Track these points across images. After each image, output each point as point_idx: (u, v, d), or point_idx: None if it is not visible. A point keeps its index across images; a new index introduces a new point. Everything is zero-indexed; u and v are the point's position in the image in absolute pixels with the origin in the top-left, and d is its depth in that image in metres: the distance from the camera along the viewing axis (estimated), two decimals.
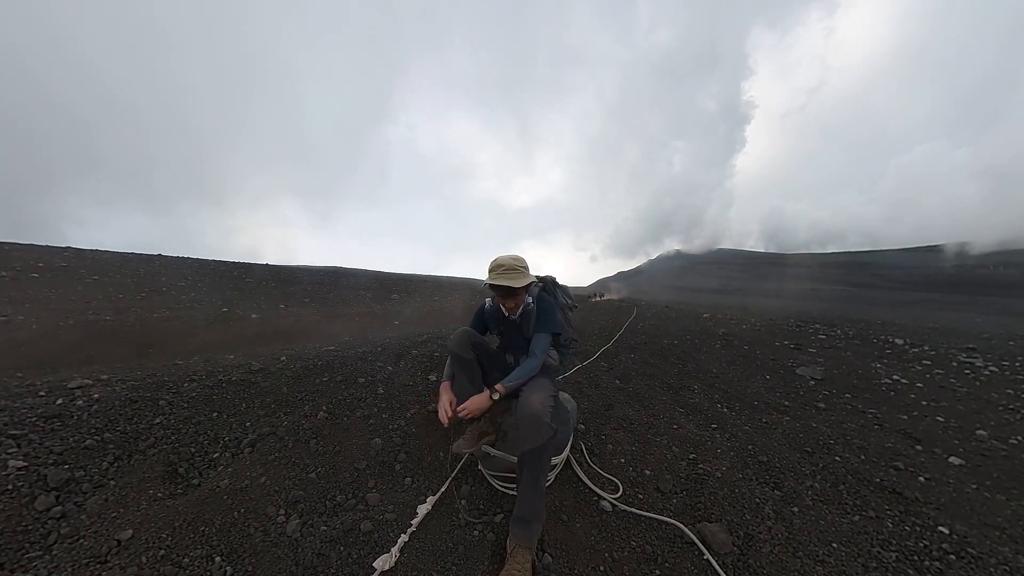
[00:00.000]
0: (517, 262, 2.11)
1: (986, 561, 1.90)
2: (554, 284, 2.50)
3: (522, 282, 2.08)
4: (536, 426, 1.78)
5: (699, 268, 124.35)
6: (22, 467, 1.83)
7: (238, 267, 16.05)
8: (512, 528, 1.75)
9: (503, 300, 2.19)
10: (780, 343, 6.71)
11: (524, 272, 2.12)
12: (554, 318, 2.24)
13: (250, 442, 2.35)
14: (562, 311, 2.43)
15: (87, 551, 1.54)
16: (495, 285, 2.06)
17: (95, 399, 2.48)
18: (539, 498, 1.78)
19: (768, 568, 1.78)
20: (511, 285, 2.04)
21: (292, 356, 3.91)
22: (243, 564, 1.61)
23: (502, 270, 2.08)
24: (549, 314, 2.23)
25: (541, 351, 2.10)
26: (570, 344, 2.53)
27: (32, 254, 11.36)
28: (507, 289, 2.07)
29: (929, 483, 2.61)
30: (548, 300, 2.30)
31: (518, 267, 2.09)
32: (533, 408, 1.81)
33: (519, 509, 1.76)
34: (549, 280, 2.50)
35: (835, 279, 73.39)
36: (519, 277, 2.08)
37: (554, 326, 2.22)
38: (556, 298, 2.42)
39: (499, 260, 2.10)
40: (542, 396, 1.89)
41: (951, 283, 53.50)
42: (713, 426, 3.27)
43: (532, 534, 1.72)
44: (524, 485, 1.79)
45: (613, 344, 6.10)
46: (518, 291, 2.11)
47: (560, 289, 2.52)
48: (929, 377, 5.03)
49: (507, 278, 2.06)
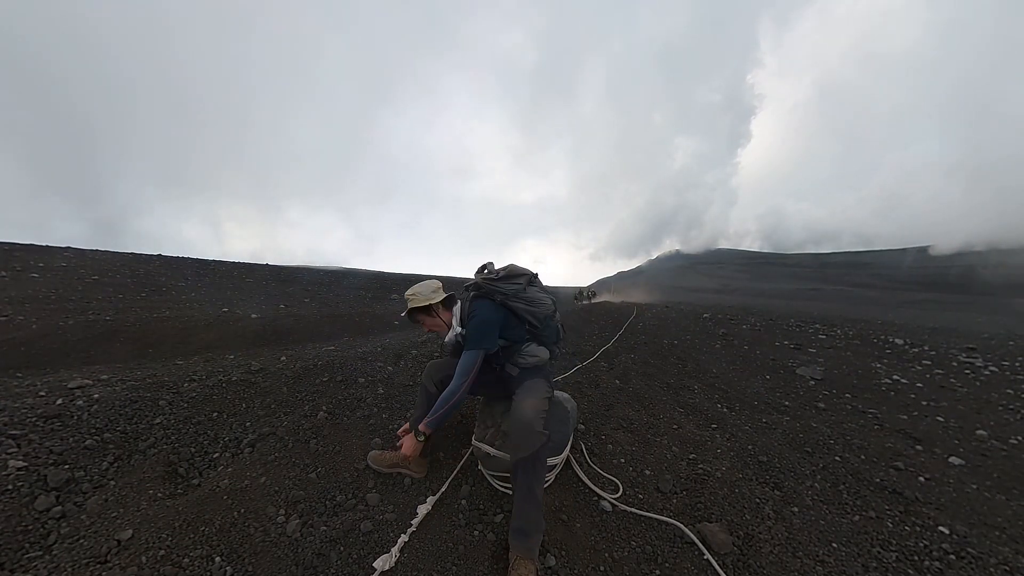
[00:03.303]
0: (412, 291, 2.19)
1: (986, 561, 1.90)
2: (498, 281, 2.11)
3: (412, 305, 2.16)
4: (527, 434, 1.77)
5: (699, 268, 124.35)
6: (22, 467, 1.83)
7: (238, 267, 16.05)
8: (512, 540, 1.72)
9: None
10: (780, 343, 6.71)
11: (417, 297, 2.16)
12: (476, 332, 2.01)
13: (250, 442, 2.35)
14: (507, 308, 2.10)
15: (87, 551, 1.54)
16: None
17: (95, 399, 2.48)
18: (536, 508, 1.74)
19: (768, 568, 1.77)
20: (407, 315, 2.21)
21: (292, 356, 3.92)
22: (243, 564, 1.61)
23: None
24: (471, 329, 2.04)
25: (462, 372, 1.94)
26: (550, 333, 2.23)
27: (32, 254, 11.36)
28: (408, 318, 2.22)
29: (929, 483, 2.61)
30: (477, 308, 2.07)
31: (412, 295, 2.18)
32: (524, 415, 1.80)
33: (516, 520, 1.73)
34: (490, 276, 2.15)
35: (835, 279, 73.35)
36: (411, 302, 2.17)
37: (476, 341, 1.99)
38: (494, 298, 2.10)
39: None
40: (534, 402, 1.87)
41: (950, 283, 53.50)
42: (713, 426, 3.27)
43: (532, 544, 1.70)
44: (519, 493, 1.76)
45: (613, 344, 6.10)
46: (417, 317, 2.20)
47: (509, 281, 2.11)
48: (929, 377, 5.03)
49: (406, 308, 2.21)
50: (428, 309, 2.18)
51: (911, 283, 60.03)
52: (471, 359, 1.96)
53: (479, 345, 1.99)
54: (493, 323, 2.04)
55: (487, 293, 2.10)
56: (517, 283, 2.10)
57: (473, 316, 2.05)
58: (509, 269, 2.17)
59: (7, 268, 9.34)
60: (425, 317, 2.21)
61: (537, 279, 2.22)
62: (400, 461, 2.17)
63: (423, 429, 1.96)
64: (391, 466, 2.18)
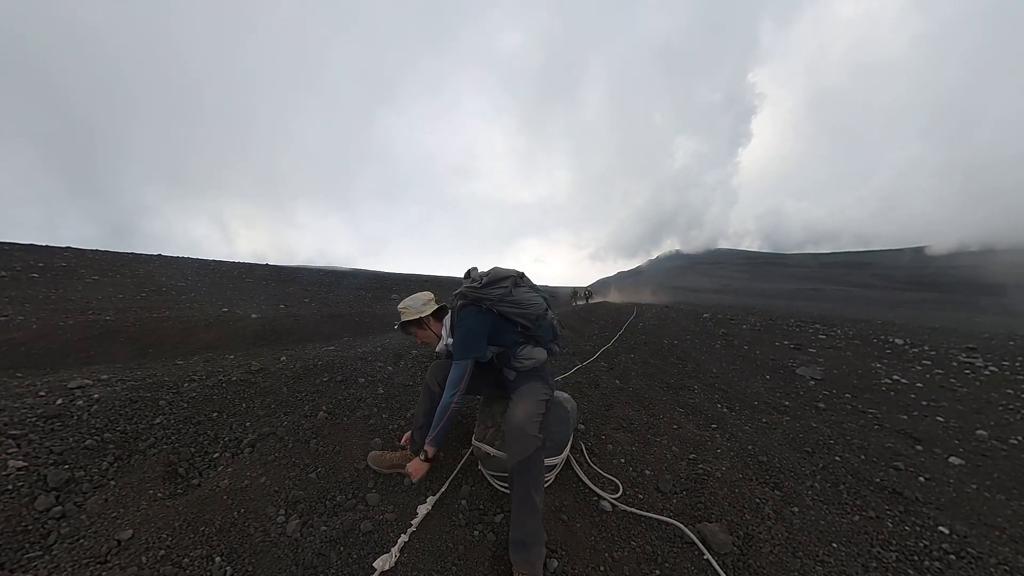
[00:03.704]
0: (404, 304, 2.25)
1: (986, 561, 1.90)
2: (482, 287, 2.05)
3: (404, 318, 2.24)
4: (520, 438, 1.75)
5: (699, 268, 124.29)
6: (22, 467, 1.83)
7: (238, 267, 16.05)
8: (512, 554, 1.66)
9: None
10: (780, 343, 6.71)
11: (408, 310, 2.23)
12: (461, 343, 2.00)
13: (250, 442, 2.35)
14: (495, 313, 2.05)
15: (87, 551, 1.54)
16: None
17: (95, 399, 2.48)
18: (535, 516, 1.68)
19: (768, 568, 1.77)
20: (400, 327, 2.29)
21: (292, 356, 3.92)
22: (243, 564, 1.61)
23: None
24: (456, 340, 2.04)
25: (452, 384, 1.96)
26: (545, 332, 2.18)
27: (32, 254, 11.36)
28: (401, 330, 2.30)
29: (929, 483, 2.61)
30: (463, 318, 2.04)
31: (404, 308, 2.24)
32: (517, 420, 1.79)
33: (515, 531, 1.68)
34: (473, 284, 2.08)
35: (835, 279, 73.32)
36: (403, 315, 2.24)
37: (462, 352, 1.98)
38: (480, 305, 2.04)
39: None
40: (528, 406, 1.86)
41: (949, 283, 53.50)
42: (713, 426, 3.27)
43: (535, 559, 1.63)
44: (517, 500, 1.71)
45: (613, 344, 6.10)
46: (409, 329, 2.28)
47: (493, 286, 2.05)
48: (929, 377, 5.03)
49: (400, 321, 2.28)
50: (419, 322, 2.23)
51: (911, 283, 60.05)
52: (459, 370, 1.97)
53: (466, 355, 1.98)
54: (478, 332, 2.01)
55: (473, 301, 2.06)
56: (502, 287, 2.05)
57: (459, 326, 2.05)
58: (492, 273, 2.11)
59: (7, 268, 9.34)
60: (417, 329, 2.27)
61: (524, 279, 2.17)
62: (400, 462, 2.17)
63: (428, 450, 1.97)
64: (391, 467, 2.18)
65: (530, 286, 2.18)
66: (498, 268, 2.16)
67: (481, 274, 2.13)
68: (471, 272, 2.17)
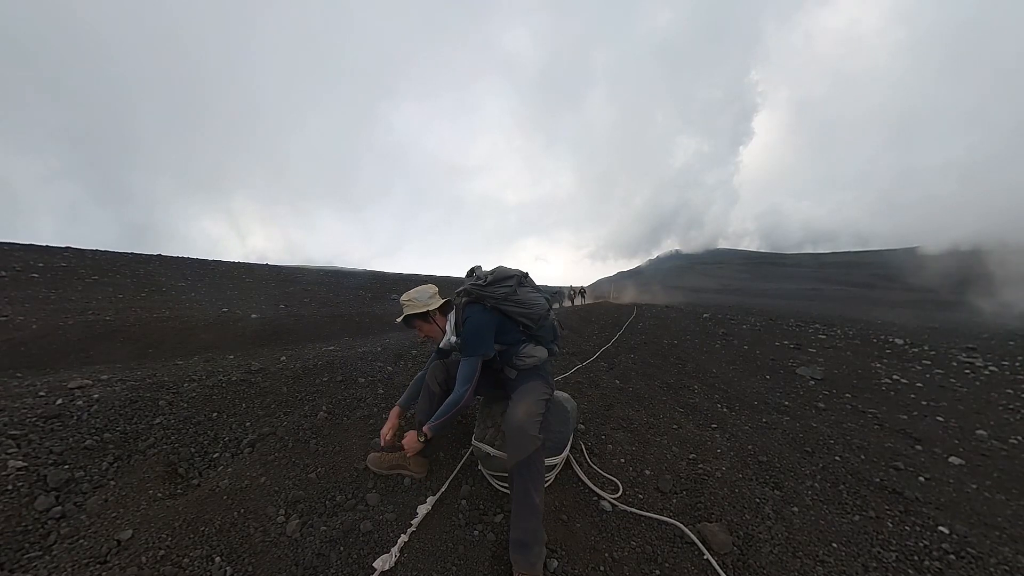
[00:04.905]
0: (408, 297, 2.21)
1: (986, 561, 1.90)
2: (487, 286, 2.05)
3: (409, 311, 2.19)
4: (520, 438, 1.75)
5: (699, 268, 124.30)
6: (22, 467, 1.83)
7: (238, 267, 16.05)
8: (512, 554, 1.66)
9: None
10: (780, 343, 6.72)
11: (414, 303, 2.19)
12: (471, 339, 2.00)
13: (250, 442, 2.35)
14: (499, 312, 2.06)
15: (87, 551, 1.54)
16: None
17: (95, 399, 2.48)
18: (534, 516, 1.68)
19: (768, 568, 1.77)
20: (403, 320, 2.23)
21: (292, 356, 3.92)
22: (243, 564, 1.61)
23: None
24: (465, 337, 2.03)
25: (463, 380, 1.94)
26: (546, 332, 2.19)
27: (32, 254, 11.36)
28: (405, 323, 2.24)
29: (929, 483, 2.61)
30: (469, 315, 2.03)
31: (409, 300, 2.20)
32: (517, 420, 1.79)
33: (515, 531, 1.68)
34: (478, 282, 2.08)
35: (834, 279, 73.34)
36: (408, 308, 2.20)
37: (472, 349, 1.98)
38: (484, 303, 2.05)
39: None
40: (528, 405, 1.86)
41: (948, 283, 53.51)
42: (713, 426, 3.27)
43: (535, 559, 1.63)
44: (517, 500, 1.72)
45: (613, 344, 6.10)
46: (413, 322, 2.23)
47: (497, 285, 2.06)
48: (929, 377, 5.03)
49: (403, 314, 2.23)
50: (425, 315, 2.19)
51: (910, 283, 60.08)
52: (470, 367, 1.95)
53: (476, 352, 1.98)
54: (486, 329, 2.01)
55: (478, 299, 2.06)
56: (507, 286, 2.06)
57: (466, 323, 2.03)
58: (497, 272, 2.12)
59: (7, 268, 9.33)
60: (422, 323, 2.22)
61: (527, 279, 2.17)
62: (400, 461, 2.17)
63: (426, 431, 1.95)
64: (391, 467, 2.18)
65: (533, 286, 2.19)
66: (503, 267, 2.17)
67: (486, 272, 2.14)
68: (475, 270, 2.19)
